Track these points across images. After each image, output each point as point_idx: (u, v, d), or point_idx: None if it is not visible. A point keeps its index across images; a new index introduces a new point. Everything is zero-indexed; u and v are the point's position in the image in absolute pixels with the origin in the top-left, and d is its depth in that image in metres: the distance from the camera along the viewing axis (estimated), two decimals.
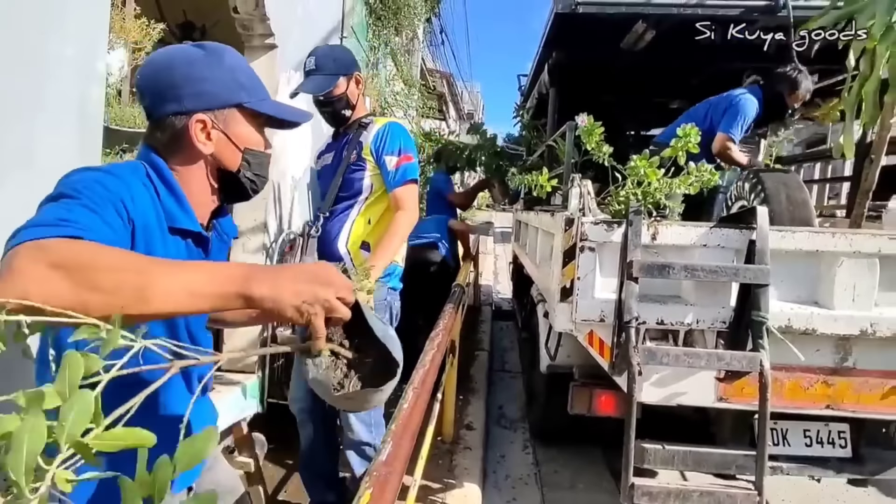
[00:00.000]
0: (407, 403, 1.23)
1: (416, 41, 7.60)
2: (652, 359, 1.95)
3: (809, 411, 2.19)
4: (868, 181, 2.58)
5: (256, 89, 1.03)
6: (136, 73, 1.02)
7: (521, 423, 3.69)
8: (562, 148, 2.91)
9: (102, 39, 1.69)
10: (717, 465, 2.23)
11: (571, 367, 2.67)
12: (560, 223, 2.28)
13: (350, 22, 4.46)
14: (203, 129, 0.94)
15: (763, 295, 1.96)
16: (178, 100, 0.92)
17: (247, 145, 1.00)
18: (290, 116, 1.08)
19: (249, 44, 3.01)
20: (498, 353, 5.34)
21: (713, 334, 2.16)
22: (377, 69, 5.47)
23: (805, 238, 2.08)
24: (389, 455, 0.96)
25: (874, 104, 2.30)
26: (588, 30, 3.03)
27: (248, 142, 1.01)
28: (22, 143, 1.46)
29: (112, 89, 1.85)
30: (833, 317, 2.06)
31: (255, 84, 1.03)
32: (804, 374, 2.15)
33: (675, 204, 2.23)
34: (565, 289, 2.21)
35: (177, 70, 0.94)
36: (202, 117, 0.94)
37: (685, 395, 2.19)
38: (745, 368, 1.91)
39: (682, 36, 3.25)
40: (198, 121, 0.93)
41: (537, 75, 4.29)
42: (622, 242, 2.08)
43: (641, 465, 2.21)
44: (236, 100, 0.98)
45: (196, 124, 0.93)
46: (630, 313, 1.97)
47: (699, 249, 2.11)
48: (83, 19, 1.63)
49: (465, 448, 2.93)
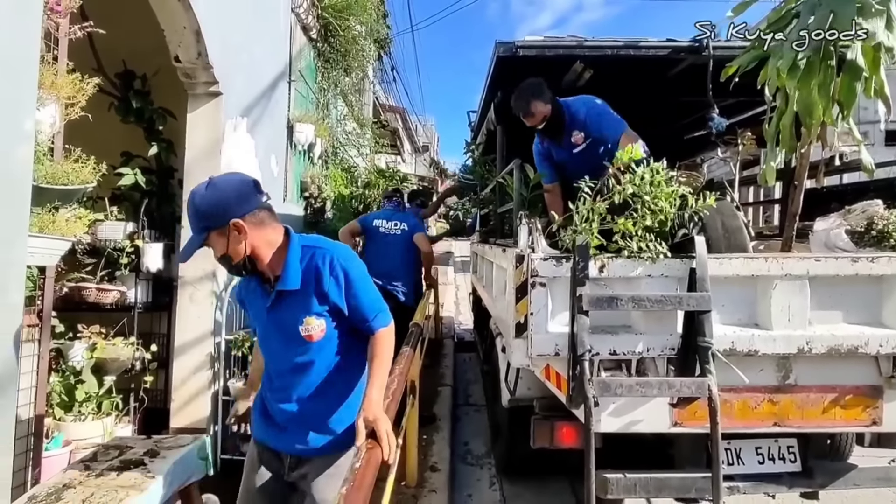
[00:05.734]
0: (359, 462, 1.20)
1: (367, 80, 7.71)
2: (606, 390, 1.98)
3: (758, 430, 2.27)
4: (794, 205, 2.75)
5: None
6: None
7: (487, 458, 3.64)
8: (510, 184, 2.98)
9: (31, 98, 1.64)
10: (678, 490, 2.26)
11: (532, 401, 2.67)
12: (511, 259, 2.32)
13: (297, 66, 4.49)
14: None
15: (706, 321, 2.04)
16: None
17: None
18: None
19: (193, 91, 2.98)
20: (462, 387, 5.29)
21: (664, 361, 2.22)
22: (328, 110, 5.51)
23: (741, 264, 2.19)
24: None
25: (791, 135, 2.49)
26: (529, 70, 3.15)
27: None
28: None
29: (42, 147, 1.78)
30: (772, 337, 2.16)
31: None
32: (751, 393, 2.23)
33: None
34: (520, 324, 2.23)
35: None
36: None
37: (642, 422, 2.23)
38: (695, 394, 1.97)
39: (619, 73, 3.45)
40: None
41: (485, 113, 4.41)
42: (571, 277, 2.14)
43: (605, 495, 2.22)
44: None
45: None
46: (583, 346, 2.01)
47: (645, 280, 2.19)
48: (9, 80, 1.57)
49: (431, 491, 2.86)
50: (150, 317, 3.36)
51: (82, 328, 2.84)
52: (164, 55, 2.88)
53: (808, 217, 3.10)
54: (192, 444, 1.92)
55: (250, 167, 3.53)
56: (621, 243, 2.17)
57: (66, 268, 2.88)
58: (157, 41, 2.82)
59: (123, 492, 1.54)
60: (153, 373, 3.05)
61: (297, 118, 4.40)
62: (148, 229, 3.08)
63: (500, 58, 3.25)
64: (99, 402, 2.74)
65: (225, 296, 3.15)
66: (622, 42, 3.29)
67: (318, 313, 1.52)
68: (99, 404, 2.74)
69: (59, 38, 2.02)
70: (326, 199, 5.07)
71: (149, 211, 3.11)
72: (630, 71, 3.47)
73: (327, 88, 5.42)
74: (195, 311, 3.05)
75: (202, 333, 3.07)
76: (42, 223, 1.89)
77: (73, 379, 2.70)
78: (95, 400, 2.73)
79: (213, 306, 3.08)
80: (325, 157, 5.29)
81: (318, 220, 4.95)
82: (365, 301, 1.56)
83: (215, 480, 2.42)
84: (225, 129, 3.09)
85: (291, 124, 4.35)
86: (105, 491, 1.54)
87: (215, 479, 2.42)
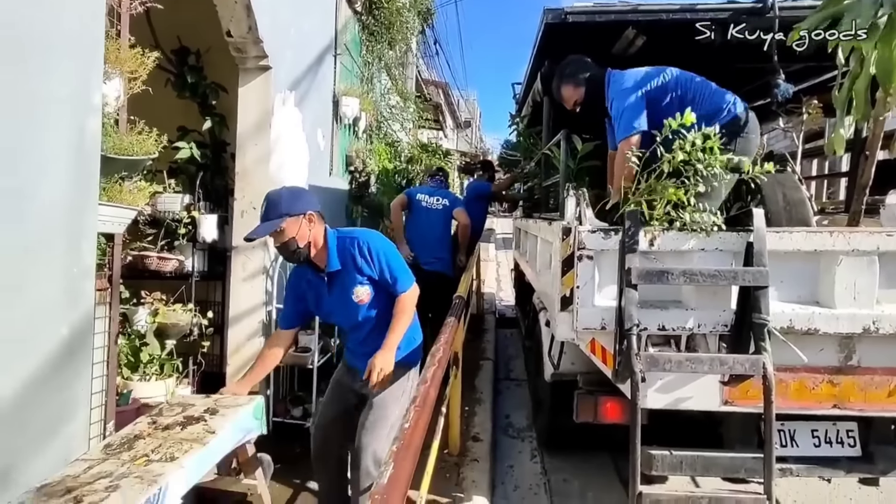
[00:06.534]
0: (408, 423, 1.23)
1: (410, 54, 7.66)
2: (654, 365, 1.95)
3: (816, 412, 2.18)
4: (864, 177, 2.58)
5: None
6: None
7: (529, 431, 3.67)
8: (557, 156, 2.91)
9: (98, 73, 1.72)
10: (726, 469, 2.21)
11: (576, 376, 2.66)
12: (557, 232, 2.29)
13: (343, 39, 4.50)
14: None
15: (763, 297, 1.96)
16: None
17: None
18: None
19: (243, 66, 3.05)
20: (503, 362, 5.32)
21: (715, 338, 2.16)
22: (371, 84, 5.52)
23: (803, 238, 2.08)
24: (391, 477, 0.97)
25: (865, 101, 2.31)
26: (578, 38, 3.04)
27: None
28: (26, 176, 1.48)
29: (109, 120, 1.87)
30: (835, 316, 2.05)
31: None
32: (809, 374, 2.14)
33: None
34: (565, 297, 2.21)
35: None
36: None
37: (690, 399, 2.18)
38: (748, 372, 1.91)
39: (673, 39, 3.28)
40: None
41: (531, 84, 4.30)
42: (620, 250, 2.09)
43: (649, 471, 2.20)
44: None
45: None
46: (631, 320, 1.98)
47: (698, 254, 2.11)
48: (78, 56, 1.65)
49: (473, 460, 2.92)
50: (207, 285, 3.52)
51: (145, 294, 3.01)
52: (216, 31, 2.95)
53: (880, 191, 2.90)
54: (248, 404, 2.02)
55: (298, 141, 3.60)
56: (673, 214, 2.10)
57: (130, 237, 3.05)
58: (210, 17, 2.89)
59: (187, 444, 1.64)
60: (209, 338, 3.21)
61: (342, 92, 4.43)
62: (203, 201, 3.21)
63: (548, 25, 3.15)
64: (161, 364, 2.92)
65: (275, 266, 3.26)
66: (678, 5, 3.11)
67: (361, 282, 2.05)
68: (161, 366, 2.91)
69: (122, 13, 2.10)
70: (371, 174, 5.12)
71: (203, 183, 3.23)
72: (686, 37, 3.29)
73: (371, 62, 5.42)
74: (247, 281, 3.18)
75: (255, 303, 3.20)
76: (111, 193, 2.01)
77: (137, 342, 2.88)
78: (158, 362, 2.90)
79: (265, 277, 3.20)
80: (369, 131, 5.33)
81: (363, 193, 5.01)
82: (387, 270, 2.04)
83: (267, 440, 2.55)
84: (274, 102, 3.15)
85: (337, 98, 4.39)
86: (171, 443, 1.65)
87: (267, 439, 2.55)
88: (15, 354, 1.48)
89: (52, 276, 1.59)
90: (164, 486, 1.41)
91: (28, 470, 1.53)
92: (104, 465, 1.49)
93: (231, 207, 3.31)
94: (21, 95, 1.46)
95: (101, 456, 1.55)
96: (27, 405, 1.52)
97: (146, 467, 1.49)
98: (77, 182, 1.66)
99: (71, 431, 1.71)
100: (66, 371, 1.67)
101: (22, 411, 1.50)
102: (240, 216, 3.12)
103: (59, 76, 1.58)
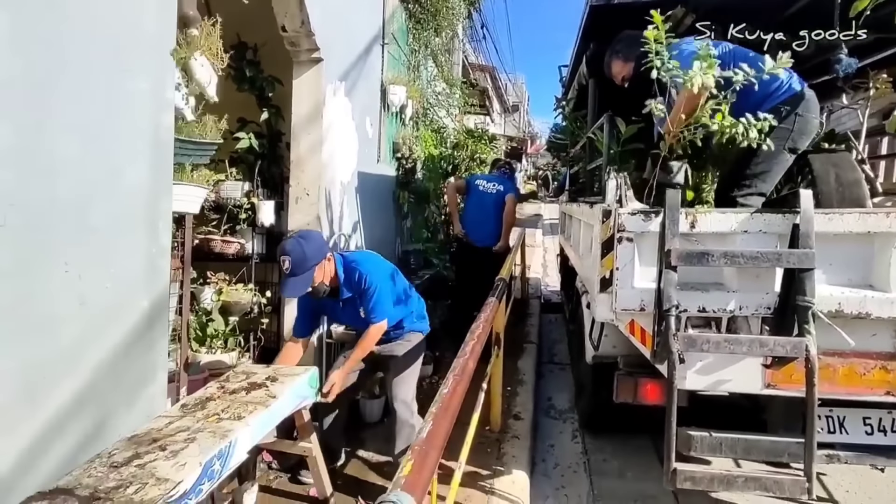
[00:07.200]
0: (447, 389, 1.34)
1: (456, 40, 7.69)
2: (692, 346, 1.96)
3: (867, 398, 2.13)
4: None
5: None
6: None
7: (570, 413, 3.73)
8: (600, 139, 2.92)
9: (171, 72, 1.90)
10: (768, 453, 2.19)
11: (616, 357, 2.70)
12: (598, 214, 2.32)
13: (390, 29, 4.62)
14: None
15: (808, 279, 1.93)
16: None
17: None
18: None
19: (297, 59, 3.22)
20: (547, 346, 5.37)
21: (757, 321, 2.14)
22: (418, 71, 5.61)
23: (855, 220, 2.02)
24: (430, 432, 1.08)
25: None
26: (625, 19, 3.00)
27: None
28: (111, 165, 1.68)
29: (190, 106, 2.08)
30: (889, 300, 1.99)
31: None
32: (860, 359, 2.09)
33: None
34: (605, 279, 2.25)
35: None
36: None
37: (731, 382, 2.18)
38: (790, 354, 1.90)
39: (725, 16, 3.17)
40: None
41: (576, 67, 4.27)
42: (660, 232, 2.10)
43: (688, 452, 2.21)
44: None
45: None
46: (669, 301, 2.00)
47: (740, 236, 2.10)
48: (155, 56, 1.84)
49: (513, 437, 3.02)
50: (265, 267, 3.76)
51: (210, 275, 3.27)
52: (272, 26, 3.12)
53: None
54: (304, 374, 2.20)
55: (348, 129, 3.76)
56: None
57: (196, 222, 3.31)
58: (266, 12, 3.06)
59: (252, 406, 1.83)
60: (268, 316, 3.46)
61: (390, 80, 4.56)
62: (261, 188, 3.43)
63: (593, 7, 3.13)
64: (225, 339, 3.18)
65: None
66: None
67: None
68: (225, 340, 3.17)
69: None
70: (417, 160, 5.24)
71: (261, 171, 3.45)
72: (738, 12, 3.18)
73: (418, 50, 5.51)
74: None
75: None
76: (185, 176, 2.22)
77: (204, 318, 3.15)
78: (222, 336, 3.16)
79: None
80: (415, 118, 5.44)
81: (409, 180, 5.15)
82: (369, 301, 2.41)
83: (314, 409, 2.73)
84: (325, 93, 3.31)
85: (385, 87, 4.52)
86: (238, 405, 1.84)
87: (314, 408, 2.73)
88: (108, 322, 1.70)
89: (135, 253, 1.80)
90: (234, 441, 1.59)
91: (119, 424, 1.75)
92: (182, 421, 1.69)
93: (287, 194, 3.52)
94: (114, 92, 1.66)
95: (179, 413, 1.76)
96: (118, 366, 1.74)
97: (217, 424, 1.68)
98: (154, 171, 1.86)
99: (152, 392, 1.93)
100: (147, 339, 1.89)
101: (115, 371, 1.73)
102: (294, 202, 3.31)
103: (141, 75, 1.77)
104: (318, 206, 3.36)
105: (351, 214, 4.03)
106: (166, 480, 1.32)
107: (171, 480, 1.32)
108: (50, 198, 1.47)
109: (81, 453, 1.59)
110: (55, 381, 1.53)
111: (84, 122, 1.57)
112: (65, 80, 1.50)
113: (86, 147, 1.58)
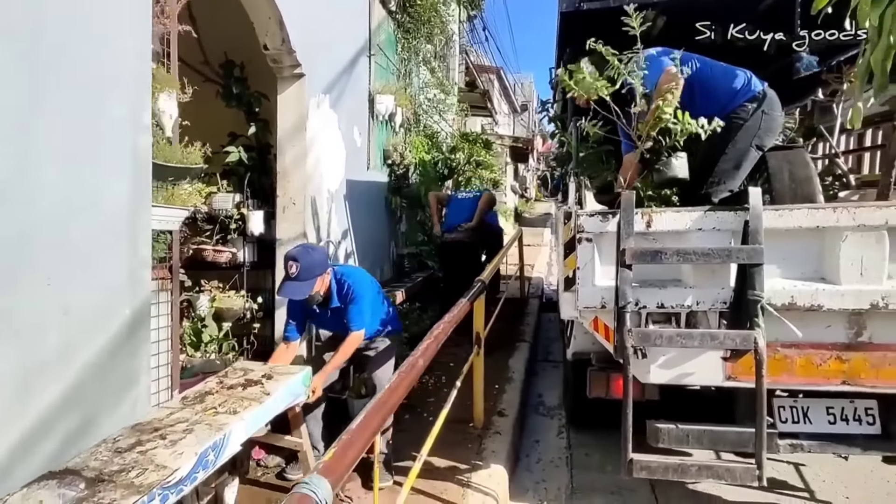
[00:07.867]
0: (393, 384, 1.44)
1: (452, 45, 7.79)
2: (646, 341, 2.05)
3: (825, 388, 2.19)
4: (893, 149, 2.50)
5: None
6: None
7: (559, 410, 3.81)
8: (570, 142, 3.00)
9: (146, 97, 2.04)
10: (734, 444, 2.26)
11: (590, 354, 2.78)
12: (561, 216, 2.41)
13: (377, 40, 4.74)
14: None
15: (758, 274, 2.00)
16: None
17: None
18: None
19: (280, 75, 3.35)
20: (543, 344, 5.45)
21: (716, 315, 2.21)
22: (409, 79, 5.73)
23: (804, 215, 2.08)
24: (360, 423, 1.18)
25: (883, 72, 2.23)
26: (597, 24, 3.07)
27: None
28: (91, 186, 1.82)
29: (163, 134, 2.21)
30: (839, 292, 2.05)
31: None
32: (816, 350, 2.15)
33: None
34: (568, 279, 2.34)
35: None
36: None
37: (693, 375, 2.25)
38: (740, 346, 1.97)
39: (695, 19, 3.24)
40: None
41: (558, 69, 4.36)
42: (617, 232, 2.19)
43: (656, 444, 2.29)
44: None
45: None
46: (625, 298, 2.08)
47: (695, 233, 2.17)
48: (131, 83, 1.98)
49: (496, 433, 3.11)
50: (257, 274, 3.91)
51: (205, 283, 3.42)
52: (257, 44, 3.27)
53: None
54: (298, 373, 2.31)
55: (334, 139, 3.89)
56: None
57: (191, 233, 3.47)
58: (251, 30, 3.21)
59: (248, 402, 1.94)
60: (260, 321, 3.60)
61: (377, 90, 4.68)
62: (251, 199, 3.57)
63: (563, 14, 3.22)
64: (219, 344, 3.32)
65: None
66: None
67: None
68: (220, 345, 3.32)
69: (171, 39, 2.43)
70: (409, 166, 5.36)
71: (251, 183, 3.60)
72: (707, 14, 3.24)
73: (408, 58, 5.63)
74: None
75: None
76: (167, 196, 2.36)
77: (199, 324, 3.30)
78: (216, 342, 3.31)
79: None
80: (406, 124, 5.56)
81: (402, 185, 5.27)
82: (351, 310, 2.64)
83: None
84: (309, 106, 3.44)
85: (372, 96, 4.65)
86: (235, 399, 1.96)
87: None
88: (94, 328, 1.84)
89: (116, 266, 1.94)
90: (228, 433, 1.71)
91: (103, 424, 1.89)
92: (182, 413, 1.82)
93: (275, 204, 3.65)
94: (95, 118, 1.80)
95: (180, 405, 1.89)
96: (103, 368, 1.88)
97: (214, 417, 1.80)
98: (132, 189, 2.00)
99: (135, 395, 2.07)
100: (130, 345, 2.03)
101: (101, 372, 1.87)
102: (281, 211, 3.45)
103: (117, 101, 1.91)
104: (305, 214, 3.49)
105: (340, 221, 4.15)
106: (165, 467, 1.45)
107: (169, 467, 1.44)
108: (33, 217, 1.61)
109: (67, 451, 1.72)
110: (42, 384, 1.67)
111: (66, 146, 1.71)
112: (48, 106, 1.64)
113: (66, 169, 1.72)
